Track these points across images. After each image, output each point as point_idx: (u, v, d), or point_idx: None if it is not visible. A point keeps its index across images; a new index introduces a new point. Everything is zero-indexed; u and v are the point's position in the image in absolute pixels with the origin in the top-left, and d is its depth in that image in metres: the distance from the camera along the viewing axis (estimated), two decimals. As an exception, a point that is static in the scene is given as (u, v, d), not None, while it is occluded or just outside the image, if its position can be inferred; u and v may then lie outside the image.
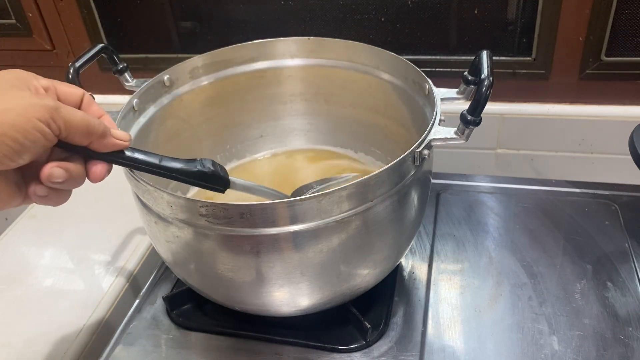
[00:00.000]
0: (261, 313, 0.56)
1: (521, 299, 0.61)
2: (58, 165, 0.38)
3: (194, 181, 0.45)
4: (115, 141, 0.40)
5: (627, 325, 0.57)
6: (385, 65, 0.64)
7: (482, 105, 0.45)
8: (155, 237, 0.54)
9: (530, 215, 0.72)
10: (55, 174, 0.38)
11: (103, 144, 0.40)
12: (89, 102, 0.42)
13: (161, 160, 0.43)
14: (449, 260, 0.67)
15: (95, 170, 0.40)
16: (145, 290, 0.66)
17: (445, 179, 0.79)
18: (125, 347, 0.60)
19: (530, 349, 0.55)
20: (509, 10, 0.77)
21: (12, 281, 0.70)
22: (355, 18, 0.82)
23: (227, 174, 0.47)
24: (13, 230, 0.80)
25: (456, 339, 0.57)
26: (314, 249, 0.48)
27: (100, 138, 0.39)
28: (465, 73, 0.55)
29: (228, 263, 0.49)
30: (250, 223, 0.45)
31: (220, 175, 0.46)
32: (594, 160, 0.85)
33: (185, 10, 0.89)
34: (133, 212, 0.55)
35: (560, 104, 0.83)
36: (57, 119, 0.36)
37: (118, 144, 0.41)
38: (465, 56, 0.82)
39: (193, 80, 0.67)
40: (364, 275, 0.53)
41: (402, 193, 0.50)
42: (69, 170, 0.39)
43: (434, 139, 0.49)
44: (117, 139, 0.41)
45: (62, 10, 0.92)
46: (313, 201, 0.44)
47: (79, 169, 0.39)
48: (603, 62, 0.78)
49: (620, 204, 0.72)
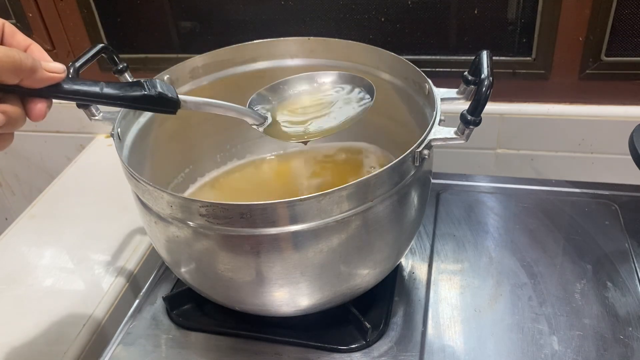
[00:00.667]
0: (261, 313, 0.56)
1: (521, 299, 0.61)
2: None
3: (141, 106, 0.42)
4: (48, 75, 0.37)
5: (627, 325, 0.57)
6: (385, 65, 0.64)
7: (482, 105, 0.45)
8: (155, 237, 0.54)
9: (530, 215, 0.72)
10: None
11: (35, 79, 0.36)
12: (12, 32, 0.38)
13: (103, 88, 0.40)
14: (449, 260, 0.67)
15: (34, 109, 0.37)
16: (145, 290, 0.66)
17: (445, 179, 0.79)
18: (125, 347, 0.60)
19: (530, 349, 0.55)
20: (509, 10, 0.77)
21: (12, 281, 0.70)
22: (355, 18, 0.82)
23: (175, 94, 0.44)
24: (13, 230, 0.80)
25: (456, 339, 0.57)
26: (314, 249, 0.48)
27: (31, 73, 0.35)
28: (465, 73, 0.55)
29: (228, 263, 0.49)
30: (250, 223, 0.45)
31: (167, 97, 0.43)
32: (594, 160, 0.85)
33: (185, 10, 0.89)
34: (133, 212, 0.55)
35: (560, 104, 0.83)
36: None
37: (52, 77, 0.37)
38: (465, 56, 0.82)
39: (193, 80, 0.67)
40: (364, 275, 0.53)
41: (402, 193, 0.50)
42: (6, 113, 0.36)
43: (434, 139, 0.49)
44: (50, 72, 0.37)
45: (62, 10, 0.92)
46: (313, 201, 0.44)
47: (17, 110, 0.36)
48: (603, 62, 0.78)
49: (620, 204, 0.72)
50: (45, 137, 1.06)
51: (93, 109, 0.58)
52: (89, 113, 0.58)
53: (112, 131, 0.54)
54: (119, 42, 0.94)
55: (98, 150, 0.98)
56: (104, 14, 0.91)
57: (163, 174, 0.67)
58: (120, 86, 0.41)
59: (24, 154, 1.10)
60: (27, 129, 1.04)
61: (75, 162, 0.95)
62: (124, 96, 0.41)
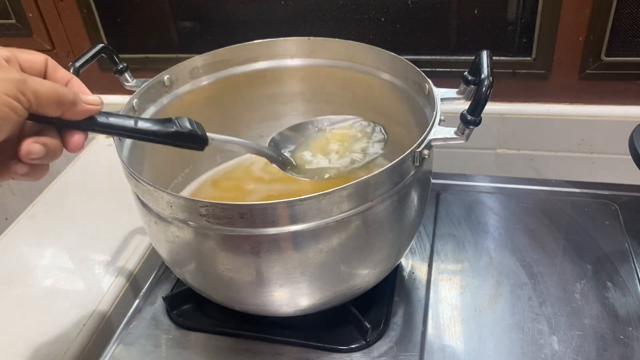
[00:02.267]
0: (261, 313, 0.56)
1: (521, 299, 0.61)
2: (35, 141, 0.37)
3: (172, 142, 0.44)
4: (87, 107, 0.38)
5: (627, 325, 0.57)
6: (385, 65, 0.64)
7: (482, 105, 0.45)
8: (155, 237, 0.54)
9: (530, 215, 0.72)
10: (34, 151, 0.37)
11: (75, 112, 0.38)
12: (54, 68, 0.40)
13: (137, 122, 0.42)
14: (449, 260, 0.67)
15: (72, 141, 0.39)
16: (145, 290, 0.66)
17: (445, 179, 0.79)
18: (125, 347, 0.60)
19: (530, 349, 0.55)
20: (509, 10, 0.78)
21: (12, 281, 0.70)
22: (355, 18, 0.82)
23: (204, 132, 0.46)
24: (13, 230, 0.80)
25: (456, 339, 0.57)
26: (314, 249, 0.48)
27: (71, 106, 0.37)
28: (465, 73, 0.55)
29: (228, 263, 0.49)
30: (250, 223, 0.45)
31: (197, 134, 0.45)
32: (594, 160, 0.85)
33: (185, 10, 0.89)
34: (133, 212, 0.55)
35: (560, 104, 0.83)
36: (25, 92, 0.34)
37: (91, 109, 0.39)
38: (465, 56, 0.82)
39: (193, 80, 0.67)
40: (364, 275, 0.53)
41: (402, 193, 0.50)
42: (46, 145, 0.37)
43: (434, 139, 0.49)
44: (88, 105, 0.39)
45: (62, 10, 0.92)
46: (313, 201, 0.44)
47: (55, 142, 0.38)
48: (603, 62, 0.78)
49: (620, 204, 0.72)
50: (45, 137, 1.06)
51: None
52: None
53: (112, 131, 0.54)
54: (119, 42, 0.94)
55: (98, 150, 0.98)
56: (104, 14, 0.91)
57: (163, 174, 0.67)
58: (154, 122, 0.43)
59: (24, 154, 1.10)
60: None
61: (75, 162, 0.95)
62: (157, 132, 0.43)
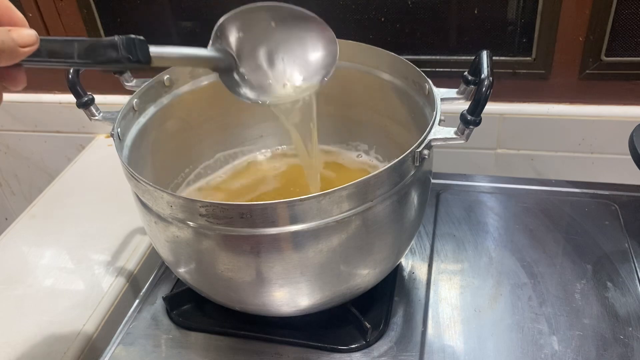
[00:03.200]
0: (261, 313, 0.56)
1: (521, 299, 0.61)
2: None
3: (110, 66, 0.42)
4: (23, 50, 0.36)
5: (627, 325, 0.57)
6: (385, 65, 0.64)
7: (482, 105, 0.45)
8: (155, 237, 0.54)
9: (530, 215, 0.72)
10: None
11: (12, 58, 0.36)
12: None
13: (75, 47, 0.39)
14: (449, 260, 0.67)
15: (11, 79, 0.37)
16: (145, 290, 0.66)
17: (445, 179, 0.79)
18: (125, 347, 0.60)
19: (530, 349, 0.55)
20: (509, 10, 0.78)
21: (12, 281, 0.70)
22: (355, 18, 0.82)
23: (147, 51, 0.45)
24: (13, 230, 0.80)
25: (456, 339, 0.57)
26: (314, 249, 0.48)
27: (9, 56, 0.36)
28: (465, 73, 0.55)
29: (228, 263, 0.49)
30: (250, 223, 0.45)
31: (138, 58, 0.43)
32: (594, 160, 0.85)
33: (185, 10, 0.89)
34: (133, 212, 0.55)
35: (560, 104, 0.83)
36: None
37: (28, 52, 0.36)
38: (465, 56, 0.82)
39: (193, 80, 0.67)
40: (364, 275, 0.53)
41: (402, 193, 0.50)
42: None
43: (434, 139, 0.49)
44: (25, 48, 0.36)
45: (62, 10, 0.92)
46: (313, 201, 0.44)
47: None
48: (603, 62, 0.78)
49: (620, 204, 0.72)
50: (45, 137, 1.06)
51: (93, 108, 0.58)
52: (89, 113, 0.58)
53: (112, 131, 0.54)
54: (119, 42, 0.93)
55: (98, 150, 0.98)
56: (104, 14, 0.91)
57: (163, 174, 0.67)
58: (96, 44, 0.40)
59: (24, 154, 1.10)
60: (27, 129, 1.04)
61: (75, 162, 0.95)
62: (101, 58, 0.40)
